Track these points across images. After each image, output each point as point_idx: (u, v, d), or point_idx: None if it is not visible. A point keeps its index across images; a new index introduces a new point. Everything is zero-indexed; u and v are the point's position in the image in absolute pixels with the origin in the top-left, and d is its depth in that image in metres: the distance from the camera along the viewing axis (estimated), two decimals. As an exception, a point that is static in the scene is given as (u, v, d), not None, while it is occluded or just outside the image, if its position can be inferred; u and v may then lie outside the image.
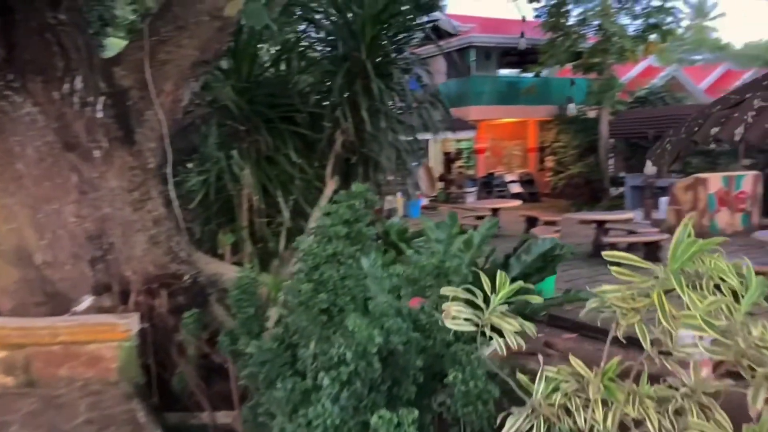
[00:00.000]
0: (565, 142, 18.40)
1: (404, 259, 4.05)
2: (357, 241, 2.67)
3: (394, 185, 6.44)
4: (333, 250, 2.57)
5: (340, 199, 2.73)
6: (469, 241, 3.67)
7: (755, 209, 13.08)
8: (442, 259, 2.42)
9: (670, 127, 13.24)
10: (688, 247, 1.52)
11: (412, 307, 2.34)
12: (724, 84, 23.43)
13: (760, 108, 2.21)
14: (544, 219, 12.80)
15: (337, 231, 2.59)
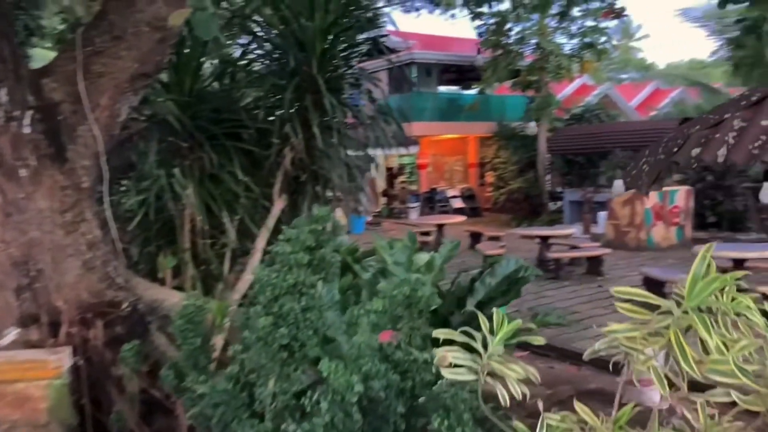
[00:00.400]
0: (505, 157, 18.70)
1: (362, 283, 3.86)
2: (320, 270, 2.47)
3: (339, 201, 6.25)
4: (294, 279, 2.36)
5: (301, 224, 2.54)
6: (431, 263, 3.52)
7: (688, 223, 13.56)
8: (413, 287, 2.25)
9: (605, 143, 13.56)
10: (709, 284, 1.39)
11: (385, 343, 2.16)
12: (653, 101, 24.43)
13: (740, 128, 2.17)
14: (488, 234, 12.87)
15: (298, 259, 2.39)
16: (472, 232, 13.62)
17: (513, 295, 3.26)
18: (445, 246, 3.68)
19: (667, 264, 11.10)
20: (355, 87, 5.24)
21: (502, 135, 19.08)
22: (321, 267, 2.46)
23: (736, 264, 7.84)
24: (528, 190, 17.91)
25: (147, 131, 4.98)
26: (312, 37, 4.75)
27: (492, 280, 3.27)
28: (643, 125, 16.50)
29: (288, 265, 2.39)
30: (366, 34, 5.58)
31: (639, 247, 12.48)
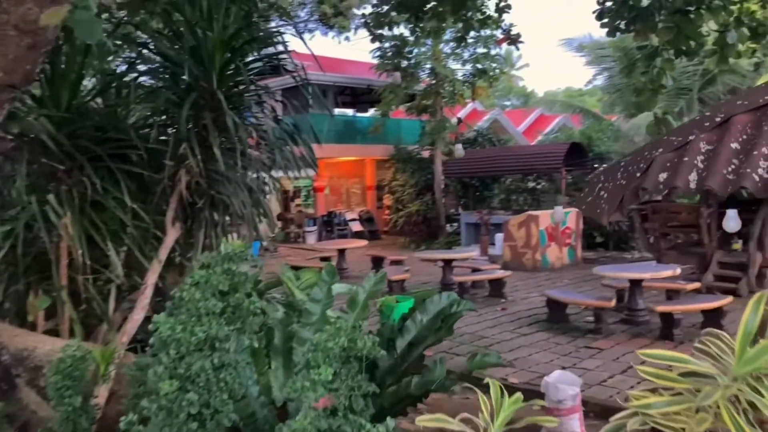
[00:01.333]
0: (403, 180, 18.73)
1: (272, 323, 3.43)
2: (235, 319, 2.07)
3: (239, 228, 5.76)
4: (205, 333, 1.94)
5: (212, 262, 2.11)
6: (354, 300, 3.17)
7: (578, 243, 14.07)
8: (351, 337, 1.89)
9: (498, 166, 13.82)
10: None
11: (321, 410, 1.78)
12: (539, 126, 25.57)
13: (707, 151, 2.03)
14: (391, 258, 12.68)
15: (209, 307, 1.97)
16: (373, 257, 13.37)
17: (445, 333, 2.99)
18: (369, 279, 3.35)
19: (563, 284, 11.39)
20: (258, 105, 4.84)
21: (399, 158, 19.13)
22: (237, 316, 2.06)
23: (633, 284, 8.07)
24: (426, 213, 18.01)
25: (15, 151, 4.30)
26: (211, 49, 4.32)
27: (423, 317, 2.98)
28: (533, 149, 17.11)
29: (197, 314, 1.97)
30: (267, 50, 5.22)
31: (535, 268, 12.76)
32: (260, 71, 5.25)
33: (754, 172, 1.80)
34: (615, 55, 17.82)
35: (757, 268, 9.96)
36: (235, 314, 2.04)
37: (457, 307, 3.01)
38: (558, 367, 6.48)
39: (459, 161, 17.46)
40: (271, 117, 4.74)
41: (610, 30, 7.62)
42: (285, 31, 4.87)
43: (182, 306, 2.02)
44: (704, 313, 7.62)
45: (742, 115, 2.04)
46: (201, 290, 1.98)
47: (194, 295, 1.99)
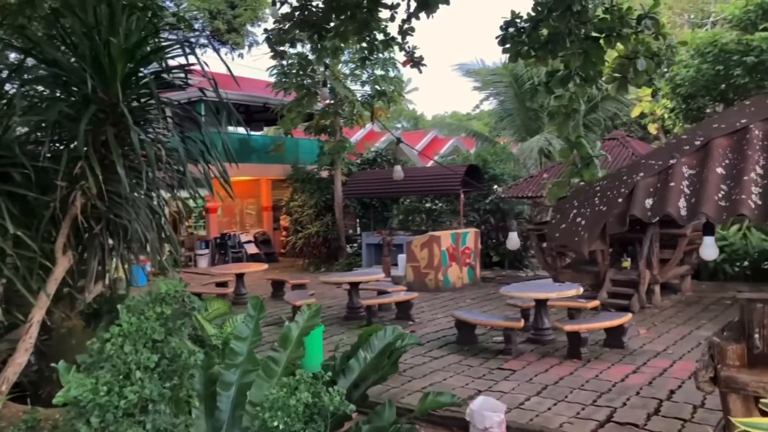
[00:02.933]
0: (301, 201, 18.32)
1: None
2: (172, 373, 1.72)
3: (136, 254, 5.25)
4: (137, 394, 1.58)
5: (140, 306, 1.75)
6: (287, 337, 2.86)
7: (477, 263, 14.31)
8: (314, 390, 1.61)
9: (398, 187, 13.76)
10: None
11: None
12: (435, 147, 26.10)
13: (690, 176, 1.97)
14: (293, 282, 12.26)
15: (141, 361, 1.61)
16: (273, 281, 12.91)
17: (390, 370, 2.75)
18: (303, 313, 3.03)
19: (465, 304, 11.48)
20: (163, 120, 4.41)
21: (297, 178, 18.73)
22: (173, 369, 1.71)
23: (538, 304, 8.22)
24: (326, 234, 17.69)
25: None
26: (114, 58, 3.86)
27: (368, 354, 2.72)
28: (433, 171, 17.31)
29: (125, 371, 1.60)
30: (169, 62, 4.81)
31: (437, 288, 12.81)
32: (162, 84, 4.83)
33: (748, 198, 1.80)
34: (506, 81, 18.50)
35: (646, 285, 10.52)
36: (171, 367, 1.70)
37: (401, 342, 2.79)
38: (474, 391, 6.41)
39: (359, 181, 17.35)
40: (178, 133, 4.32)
41: (512, 55, 7.79)
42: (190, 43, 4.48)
43: (104, 361, 1.65)
44: (607, 331, 7.86)
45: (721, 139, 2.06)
46: (131, 341, 1.62)
47: (122, 347, 1.63)
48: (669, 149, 2.22)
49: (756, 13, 12.91)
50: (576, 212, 2.09)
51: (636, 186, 1.95)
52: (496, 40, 7.65)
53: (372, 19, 10.07)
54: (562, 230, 2.12)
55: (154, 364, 1.64)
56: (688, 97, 13.88)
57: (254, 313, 3.05)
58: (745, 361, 2.51)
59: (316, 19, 10.20)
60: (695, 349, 7.70)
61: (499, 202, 16.20)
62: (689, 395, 5.97)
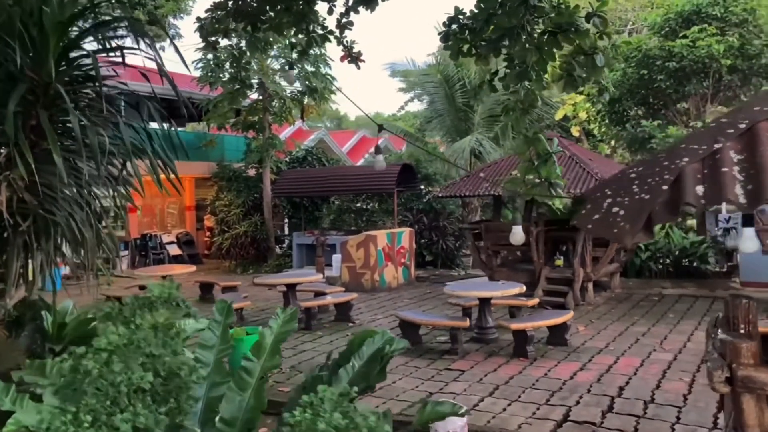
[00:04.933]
0: (228, 200, 17.64)
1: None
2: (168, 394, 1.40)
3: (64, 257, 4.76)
4: (129, 422, 1.25)
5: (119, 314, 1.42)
6: (260, 345, 2.54)
7: (412, 262, 14.22)
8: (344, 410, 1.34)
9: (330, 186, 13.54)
10: None
11: None
12: (361, 147, 25.93)
13: (740, 161, 1.84)
14: (223, 284, 11.71)
15: (135, 382, 1.29)
16: (201, 283, 12.31)
17: (379, 377, 2.50)
18: (276, 318, 2.73)
19: (404, 304, 11.34)
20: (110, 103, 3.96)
21: (223, 176, 18.02)
22: (170, 390, 1.39)
23: (482, 302, 8.16)
24: (255, 234, 17.10)
25: None
26: (46, 31, 3.40)
27: (357, 362, 2.46)
28: (367, 170, 17.09)
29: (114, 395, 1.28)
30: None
31: (374, 288, 12.60)
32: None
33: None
34: (437, 81, 18.54)
35: (580, 282, 10.72)
36: (167, 387, 1.38)
37: (389, 347, 2.54)
38: (425, 393, 6.23)
39: (289, 180, 16.89)
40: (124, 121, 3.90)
41: (453, 53, 7.68)
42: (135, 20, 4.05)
43: (83, 384, 1.31)
44: (550, 329, 7.90)
45: (766, 123, 1.99)
46: (121, 357, 1.30)
47: (107, 364, 1.30)
48: (710, 133, 2.11)
49: (676, 21, 13.49)
50: (611, 201, 1.93)
51: (682, 172, 1.81)
52: (438, 37, 7.52)
53: (309, 11, 9.73)
54: (597, 221, 1.95)
55: (149, 384, 1.33)
56: (614, 100, 14.33)
57: (221, 318, 2.72)
58: (758, 360, 2.43)
59: (251, 10, 9.76)
60: (634, 345, 7.86)
61: (432, 202, 16.19)
62: (638, 391, 6.03)
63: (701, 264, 12.81)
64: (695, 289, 11.90)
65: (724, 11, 12.95)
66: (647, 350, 7.55)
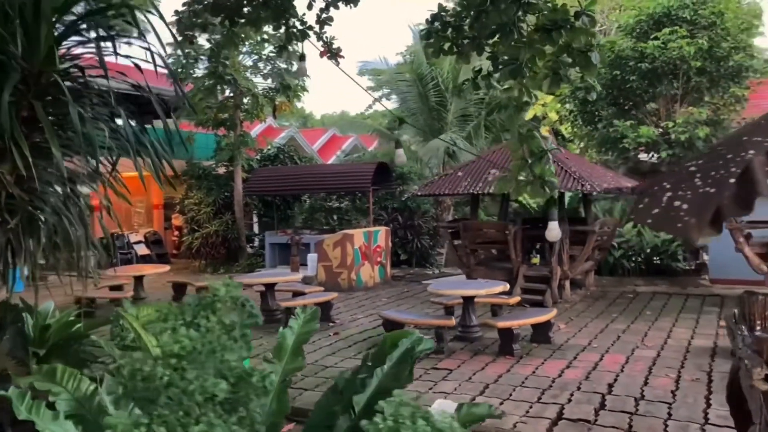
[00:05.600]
0: (197, 198, 17.28)
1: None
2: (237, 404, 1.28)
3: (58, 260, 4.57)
4: None
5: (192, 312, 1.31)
6: (281, 346, 2.43)
7: (388, 261, 14.15)
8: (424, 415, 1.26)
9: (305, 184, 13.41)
10: None
11: None
12: (331, 146, 25.76)
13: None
14: (198, 285, 11.43)
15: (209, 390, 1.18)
16: (175, 284, 12.02)
17: (408, 379, 2.41)
18: (297, 318, 2.61)
19: (382, 303, 11.26)
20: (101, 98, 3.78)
21: (192, 174, 17.64)
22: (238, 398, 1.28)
23: (466, 301, 8.13)
24: (226, 234, 16.79)
25: None
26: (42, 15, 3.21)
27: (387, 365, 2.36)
28: (342, 168, 16.98)
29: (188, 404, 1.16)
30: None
31: (351, 288, 12.49)
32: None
33: None
34: (410, 80, 18.52)
35: (557, 280, 10.81)
36: (238, 395, 1.27)
37: (417, 347, 2.46)
38: (415, 393, 6.16)
39: (261, 178, 16.64)
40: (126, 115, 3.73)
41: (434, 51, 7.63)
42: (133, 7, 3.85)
43: (150, 392, 1.19)
44: (534, 327, 7.91)
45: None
46: (196, 363, 1.18)
47: (180, 370, 1.18)
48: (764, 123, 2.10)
49: (647, 23, 13.70)
50: (672, 195, 1.88)
51: (750, 165, 1.78)
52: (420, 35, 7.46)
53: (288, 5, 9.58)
54: (657, 215, 1.90)
55: (223, 392, 1.21)
56: (586, 100, 14.49)
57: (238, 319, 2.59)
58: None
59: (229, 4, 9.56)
60: (617, 342, 7.93)
61: (408, 201, 16.15)
62: (627, 388, 6.07)
63: (672, 262, 13.06)
64: (667, 287, 12.12)
65: (693, 14, 13.20)
66: (630, 347, 7.62)
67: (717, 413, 5.35)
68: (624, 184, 11.82)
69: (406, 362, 2.35)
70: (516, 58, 5.83)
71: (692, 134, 12.75)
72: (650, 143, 13.61)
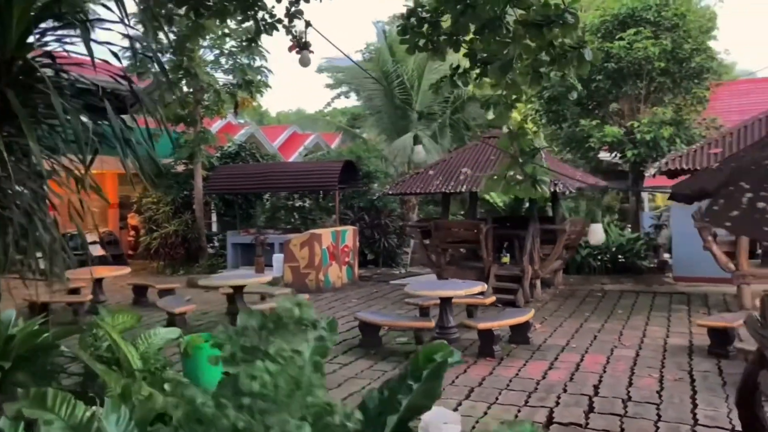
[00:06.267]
0: (156, 197, 16.68)
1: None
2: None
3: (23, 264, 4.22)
4: None
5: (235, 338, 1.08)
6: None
7: (355, 262, 13.93)
8: None
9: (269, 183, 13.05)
10: None
11: None
12: (292, 143, 25.34)
13: None
14: (160, 287, 10.99)
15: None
16: (135, 286, 11.54)
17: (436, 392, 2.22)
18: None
19: (353, 304, 11.03)
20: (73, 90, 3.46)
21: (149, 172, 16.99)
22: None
23: (443, 302, 7.98)
24: (186, 233, 16.25)
25: None
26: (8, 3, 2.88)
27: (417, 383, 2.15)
28: (307, 166, 16.64)
29: None
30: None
31: (318, 289, 12.21)
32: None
33: None
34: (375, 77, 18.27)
35: (529, 279, 10.78)
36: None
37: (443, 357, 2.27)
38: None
39: (223, 176, 16.16)
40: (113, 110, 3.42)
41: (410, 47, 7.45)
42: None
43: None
44: (512, 327, 7.82)
45: None
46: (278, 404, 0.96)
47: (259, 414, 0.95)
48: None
49: (612, 23, 13.84)
50: (753, 196, 1.75)
51: None
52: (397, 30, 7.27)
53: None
54: (737, 218, 1.76)
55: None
56: (552, 99, 14.57)
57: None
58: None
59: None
60: (594, 342, 7.91)
61: (374, 200, 15.95)
62: (613, 389, 6.02)
63: (636, 260, 13.23)
64: (633, 285, 12.26)
65: (657, 15, 13.39)
66: (608, 347, 7.61)
67: (705, 413, 5.34)
68: (591, 182, 11.90)
69: (438, 378, 2.16)
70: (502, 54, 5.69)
71: (657, 134, 12.93)
72: (615, 143, 13.76)
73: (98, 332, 4.13)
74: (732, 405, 5.49)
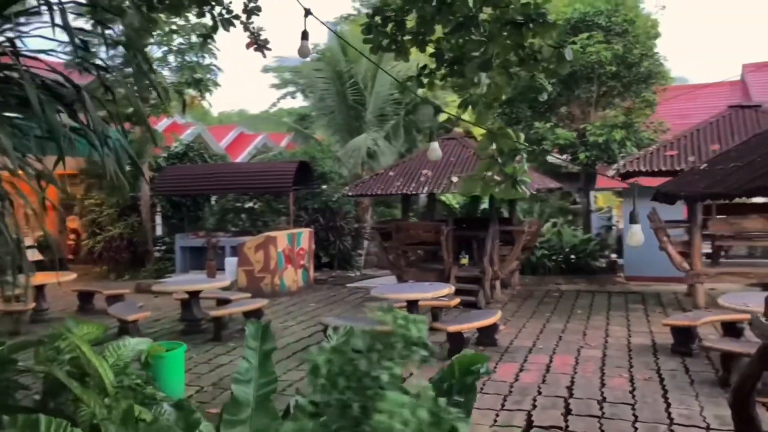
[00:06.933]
0: (99, 199, 15.94)
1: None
2: None
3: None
4: None
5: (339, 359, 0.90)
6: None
7: (311, 265, 13.66)
8: None
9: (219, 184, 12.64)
10: None
11: None
12: (239, 143, 24.78)
13: None
14: (107, 293, 10.45)
15: None
16: (81, 292, 10.95)
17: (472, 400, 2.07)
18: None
19: (311, 309, 10.79)
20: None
21: (92, 173, 16.22)
22: None
23: (410, 304, 7.86)
24: (132, 237, 15.58)
25: None
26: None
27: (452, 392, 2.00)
28: (260, 167, 16.23)
29: None
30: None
31: (274, 293, 11.88)
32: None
33: None
34: (327, 77, 18.05)
35: (489, 280, 10.78)
36: None
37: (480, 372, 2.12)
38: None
39: (170, 177, 15.57)
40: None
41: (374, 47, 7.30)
42: None
43: None
44: (480, 329, 7.76)
45: None
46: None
47: None
48: None
49: (565, 27, 14.05)
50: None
51: None
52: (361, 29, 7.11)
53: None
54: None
55: None
56: (507, 101, 14.68)
57: (256, 344, 2.13)
58: None
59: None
60: (560, 342, 7.93)
61: (329, 201, 15.70)
62: (587, 391, 6.02)
63: (589, 260, 13.47)
64: (587, 285, 12.47)
65: (607, 21, 13.67)
66: (575, 347, 7.64)
67: (679, 412, 5.38)
68: (548, 184, 12.03)
69: (473, 390, 2.01)
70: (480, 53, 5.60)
71: (609, 137, 13.19)
72: (567, 145, 13.97)
73: (60, 344, 3.80)
74: (704, 403, 5.57)
